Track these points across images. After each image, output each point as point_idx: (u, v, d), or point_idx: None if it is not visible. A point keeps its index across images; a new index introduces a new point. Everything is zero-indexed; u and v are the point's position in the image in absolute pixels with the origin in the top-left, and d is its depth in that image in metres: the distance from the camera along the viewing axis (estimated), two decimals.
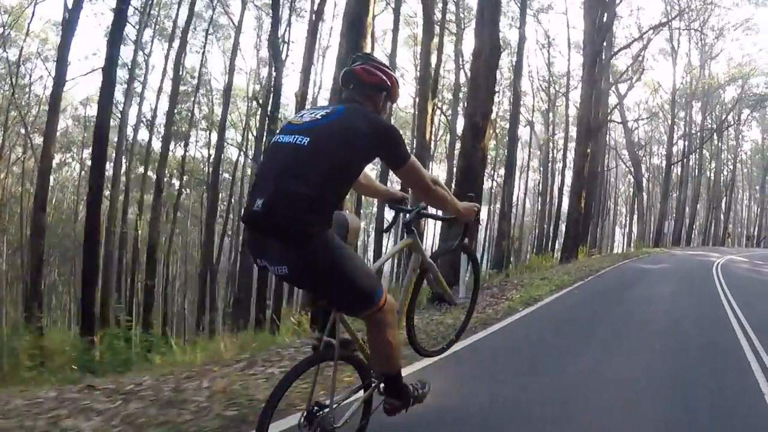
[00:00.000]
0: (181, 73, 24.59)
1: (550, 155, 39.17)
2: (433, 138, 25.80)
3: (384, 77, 2.23)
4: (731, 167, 50.71)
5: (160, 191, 23.26)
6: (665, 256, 22.72)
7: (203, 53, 27.28)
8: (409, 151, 2.16)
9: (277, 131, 2.20)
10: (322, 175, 1.93)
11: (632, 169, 40.56)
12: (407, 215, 2.56)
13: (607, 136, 47.98)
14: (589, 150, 18.75)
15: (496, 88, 12.77)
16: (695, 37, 40.12)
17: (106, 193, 18.45)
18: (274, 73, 17.43)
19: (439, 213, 2.78)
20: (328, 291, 2.07)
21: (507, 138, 25.05)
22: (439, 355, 3.09)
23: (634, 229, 43.79)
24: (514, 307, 7.76)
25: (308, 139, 1.98)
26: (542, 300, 8.64)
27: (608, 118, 26.03)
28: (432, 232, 35.24)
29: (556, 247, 28.42)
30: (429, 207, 2.59)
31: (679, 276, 13.81)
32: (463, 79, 26.59)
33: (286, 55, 20.03)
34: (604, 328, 6.73)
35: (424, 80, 16.51)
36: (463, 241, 2.92)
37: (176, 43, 23.92)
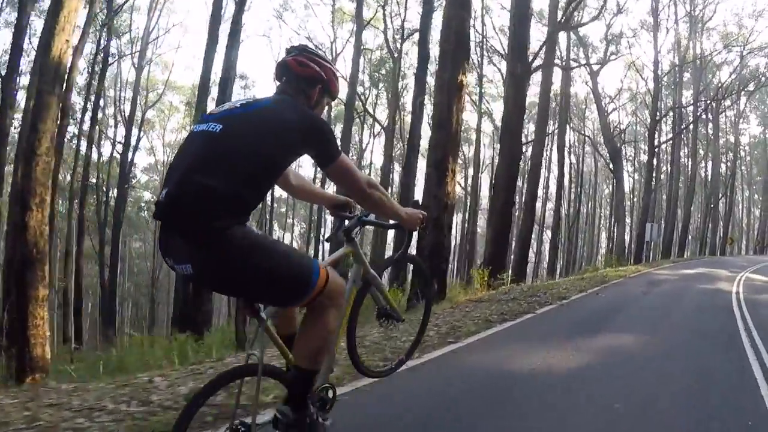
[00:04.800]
0: None
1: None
2: None
3: (319, 69, 1.97)
4: (729, 160, 42.53)
5: None
6: (638, 285, 12.39)
7: None
8: (339, 148, 1.91)
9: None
10: (235, 167, 1.69)
11: (609, 162, 32.26)
12: (347, 222, 2.33)
13: (582, 124, 40.07)
14: (462, 78, 8.87)
15: None
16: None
17: None
18: None
19: (386, 220, 2.49)
20: (247, 288, 1.78)
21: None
22: (387, 375, 2.80)
23: (615, 234, 35.04)
24: None
25: (221, 126, 1.76)
26: None
27: (554, 60, 17.29)
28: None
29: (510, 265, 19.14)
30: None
31: None
32: None
33: None
34: None
35: None
36: (406, 252, 2.77)
37: None
